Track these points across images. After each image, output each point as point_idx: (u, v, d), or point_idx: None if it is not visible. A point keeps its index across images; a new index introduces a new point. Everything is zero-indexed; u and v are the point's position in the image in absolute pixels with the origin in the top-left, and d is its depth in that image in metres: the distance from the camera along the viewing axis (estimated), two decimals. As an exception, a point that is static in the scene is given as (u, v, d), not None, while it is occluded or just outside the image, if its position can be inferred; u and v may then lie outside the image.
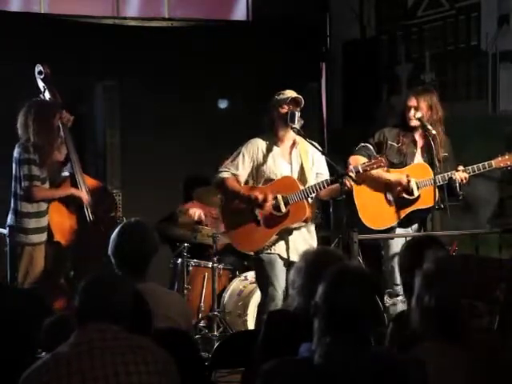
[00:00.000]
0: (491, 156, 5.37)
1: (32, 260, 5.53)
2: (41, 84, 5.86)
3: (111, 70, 6.99)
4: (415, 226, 5.49)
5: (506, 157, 5.30)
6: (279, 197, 5.04)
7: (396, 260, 4.83)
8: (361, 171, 4.98)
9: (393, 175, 5.42)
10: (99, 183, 6.03)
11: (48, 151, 5.55)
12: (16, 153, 5.55)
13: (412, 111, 5.39)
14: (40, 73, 5.87)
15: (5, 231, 5.45)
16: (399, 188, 5.39)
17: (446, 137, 5.45)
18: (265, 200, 5.02)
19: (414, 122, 5.39)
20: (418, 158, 5.46)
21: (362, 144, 5.50)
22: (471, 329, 2.60)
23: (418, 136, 5.47)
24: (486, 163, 5.29)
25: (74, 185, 5.75)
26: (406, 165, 5.44)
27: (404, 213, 5.41)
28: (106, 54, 6.94)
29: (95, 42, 6.94)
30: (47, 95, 5.83)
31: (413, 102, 5.40)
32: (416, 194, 5.37)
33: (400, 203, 5.42)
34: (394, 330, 3.14)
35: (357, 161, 5.20)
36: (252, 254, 5.25)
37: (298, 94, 5.11)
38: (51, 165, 5.63)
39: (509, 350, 2.64)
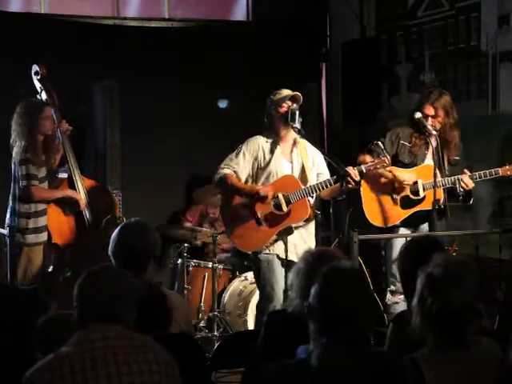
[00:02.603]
0: (491, 156, 5.37)
1: (30, 260, 5.54)
2: (37, 84, 5.86)
3: (111, 69, 6.99)
4: (421, 227, 5.48)
5: None
6: (280, 195, 5.03)
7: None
8: (364, 171, 4.99)
9: (400, 173, 5.41)
10: (98, 184, 6.03)
11: (41, 149, 5.57)
12: (14, 153, 5.57)
13: (429, 120, 5.36)
14: (36, 73, 5.87)
15: (5, 231, 5.46)
16: (399, 185, 5.39)
17: (460, 141, 5.46)
18: (266, 196, 5.00)
19: (432, 130, 5.35)
20: (429, 159, 5.46)
21: (376, 142, 5.47)
22: (469, 335, 2.59)
23: (431, 138, 5.45)
24: (492, 170, 5.28)
25: (72, 187, 5.75)
26: (415, 165, 5.44)
27: (408, 212, 5.41)
28: (105, 53, 6.94)
29: (95, 42, 6.95)
30: (44, 96, 5.84)
31: (430, 111, 5.37)
32: (422, 194, 5.37)
33: (405, 203, 5.42)
34: (394, 330, 3.13)
35: (364, 158, 5.22)
36: (250, 253, 5.23)
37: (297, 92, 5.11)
38: (48, 165, 5.65)
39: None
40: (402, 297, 5.24)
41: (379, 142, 5.45)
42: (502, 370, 2.60)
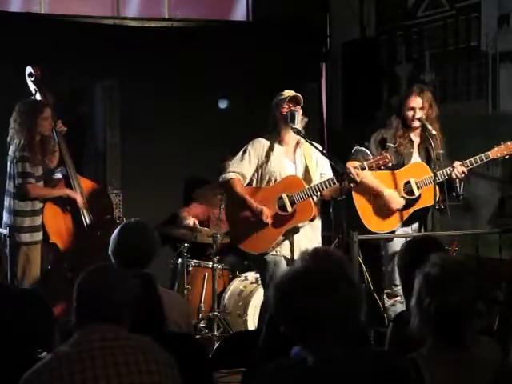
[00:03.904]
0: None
1: (28, 260, 5.54)
2: (31, 86, 5.88)
3: (111, 70, 6.99)
4: (415, 226, 5.47)
5: (502, 146, 5.28)
6: (285, 196, 5.03)
7: (396, 260, 4.82)
8: (367, 168, 4.98)
9: (389, 192, 5.37)
10: (95, 185, 6.02)
11: (38, 148, 5.58)
12: (11, 151, 5.58)
13: (417, 111, 5.34)
14: (30, 75, 5.89)
15: (5, 231, 5.46)
16: (388, 204, 5.36)
17: (441, 134, 5.45)
18: (267, 216, 5.01)
19: (416, 123, 5.36)
20: (416, 157, 5.45)
21: (358, 148, 5.45)
22: (469, 335, 2.59)
23: (414, 135, 5.45)
24: (482, 155, 5.26)
25: (69, 187, 5.76)
26: (403, 165, 5.42)
27: (407, 214, 5.39)
28: (105, 54, 6.94)
29: (95, 42, 6.94)
30: (38, 97, 5.85)
31: (417, 102, 5.36)
32: (416, 193, 5.35)
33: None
34: (394, 330, 3.13)
35: (352, 165, 5.16)
36: (256, 253, 5.23)
37: (298, 93, 5.11)
38: (44, 164, 5.66)
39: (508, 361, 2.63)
40: (399, 298, 5.26)
41: (363, 148, 5.43)
42: (501, 369, 2.60)
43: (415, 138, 5.45)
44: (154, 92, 7.08)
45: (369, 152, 5.37)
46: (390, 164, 5.19)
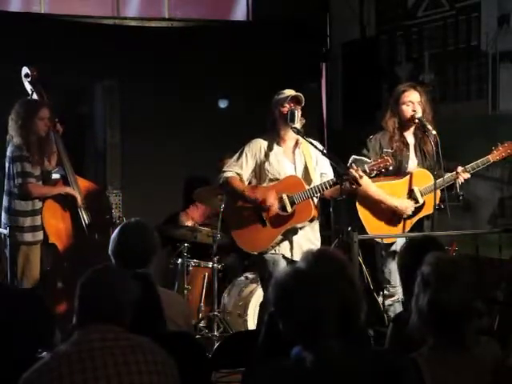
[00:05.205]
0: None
1: (28, 260, 5.54)
2: (28, 86, 5.88)
3: (111, 70, 7.00)
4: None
5: (501, 148, 5.28)
6: (285, 196, 5.03)
7: (395, 261, 4.81)
8: (367, 171, 4.95)
9: (399, 201, 5.33)
10: (93, 185, 6.02)
11: (36, 148, 5.58)
12: (9, 151, 5.58)
13: (416, 106, 5.32)
14: (27, 75, 5.89)
15: (5, 231, 5.46)
16: (400, 214, 5.34)
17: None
18: (271, 205, 5.00)
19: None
20: (413, 159, 5.42)
21: (355, 157, 5.39)
22: (469, 335, 2.59)
23: (409, 135, 5.43)
24: (484, 159, 5.26)
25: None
26: (401, 168, 5.38)
27: (410, 223, 5.37)
28: (105, 54, 6.94)
29: (95, 42, 6.95)
30: (35, 97, 5.85)
31: (414, 96, 5.34)
32: (421, 201, 5.33)
33: None
34: (394, 330, 3.13)
35: None
36: (255, 253, 5.23)
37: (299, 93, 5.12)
38: (42, 165, 5.66)
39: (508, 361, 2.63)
40: (395, 298, 5.26)
41: (362, 158, 5.38)
42: (502, 369, 2.60)
43: (410, 138, 5.43)
44: (154, 92, 7.08)
45: (367, 160, 5.33)
46: (391, 167, 5.14)
